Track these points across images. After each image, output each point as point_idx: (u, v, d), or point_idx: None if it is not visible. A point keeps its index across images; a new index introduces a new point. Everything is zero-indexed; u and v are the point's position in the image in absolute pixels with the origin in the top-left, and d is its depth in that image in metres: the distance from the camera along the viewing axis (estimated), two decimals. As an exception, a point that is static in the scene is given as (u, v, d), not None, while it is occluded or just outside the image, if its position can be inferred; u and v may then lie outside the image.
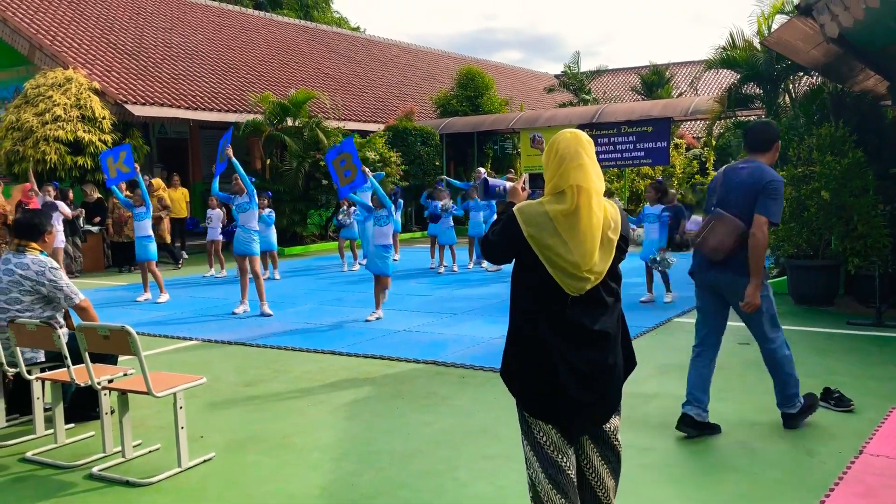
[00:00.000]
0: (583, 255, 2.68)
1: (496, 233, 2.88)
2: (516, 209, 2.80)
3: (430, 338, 7.82)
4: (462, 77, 24.22)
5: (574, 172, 2.72)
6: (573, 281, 2.70)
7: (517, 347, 2.87)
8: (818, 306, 8.91)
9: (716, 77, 23.57)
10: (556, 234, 2.70)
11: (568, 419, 2.79)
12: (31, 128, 14.41)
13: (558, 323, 2.75)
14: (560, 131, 2.87)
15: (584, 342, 2.76)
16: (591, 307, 2.76)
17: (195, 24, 22.56)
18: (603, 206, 2.75)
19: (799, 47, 9.21)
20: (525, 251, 2.75)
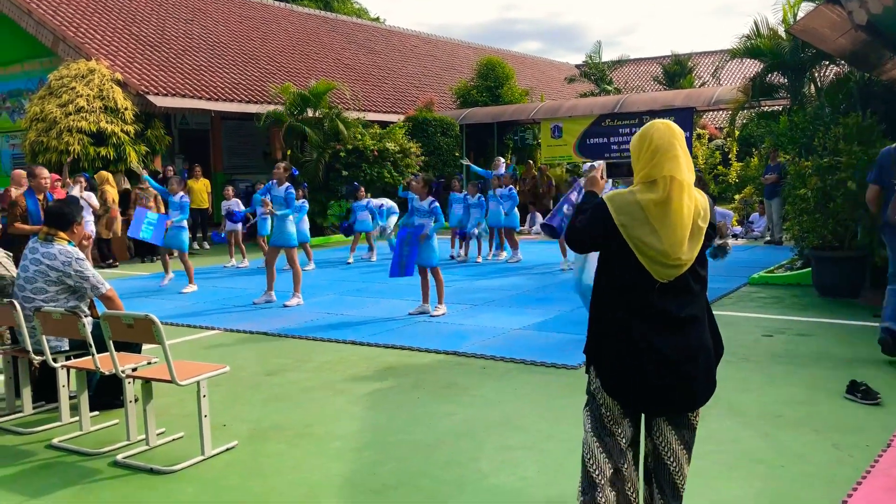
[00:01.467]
0: (672, 243, 2.75)
1: (584, 221, 2.94)
2: (607, 198, 2.86)
3: (451, 328, 7.81)
4: (482, 67, 24.12)
5: (668, 163, 2.78)
6: (663, 268, 2.78)
7: (602, 331, 2.93)
8: (843, 298, 8.80)
9: (739, 67, 23.30)
10: (647, 223, 2.77)
11: (646, 403, 2.88)
12: (54, 119, 14.54)
13: (645, 309, 2.82)
14: (651, 122, 2.90)
15: (670, 328, 2.82)
16: (678, 294, 2.83)
17: (216, 16, 22.63)
18: (693, 196, 2.82)
19: (826, 35, 9.07)
20: (614, 239, 2.81)
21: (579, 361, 6.25)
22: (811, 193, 9.06)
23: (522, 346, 6.91)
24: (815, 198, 9.01)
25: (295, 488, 3.96)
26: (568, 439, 4.52)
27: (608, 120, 19.43)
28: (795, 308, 8.43)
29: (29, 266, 5.12)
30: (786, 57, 11.71)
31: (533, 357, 6.43)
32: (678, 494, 3.01)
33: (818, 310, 8.27)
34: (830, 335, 7.05)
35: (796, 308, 8.42)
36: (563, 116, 20.26)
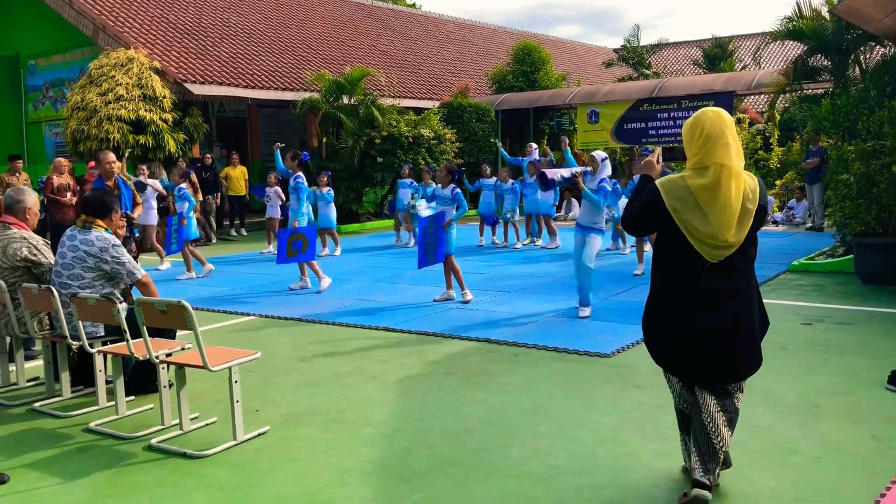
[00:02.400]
0: (720, 226, 2.94)
1: (638, 206, 3.18)
2: (659, 183, 3.08)
3: (483, 315, 7.79)
4: (518, 52, 23.91)
5: (720, 151, 2.95)
6: (712, 249, 2.97)
7: (654, 307, 3.18)
8: (887, 286, 8.58)
9: (781, 49, 22.79)
10: (697, 207, 2.97)
11: (690, 373, 3.15)
12: (95, 107, 14.76)
13: (694, 286, 3.04)
14: (703, 110, 3.07)
15: (716, 304, 3.04)
16: (726, 272, 3.04)
17: (252, 3, 22.75)
18: (742, 180, 3.00)
19: (871, 15, 8.83)
20: (666, 222, 3.03)
21: (613, 349, 6.20)
22: (854, 178, 8.84)
23: (555, 333, 6.87)
24: (857, 183, 8.79)
25: (326, 473, 3.98)
26: (599, 428, 4.49)
27: (646, 104, 19.17)
28: (836, 296, 8.24)
29: (67, 253, 5.21)
30: (829, 38, 11.40)
31: (565, 345, 6.39)
32: (716, 457, 3.24)
33: (860, 298, 8.07)
34: (872, 324, 6.89)
35: (837, 296, 8.24)
36: (599, 101, 20.03)
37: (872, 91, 10.38)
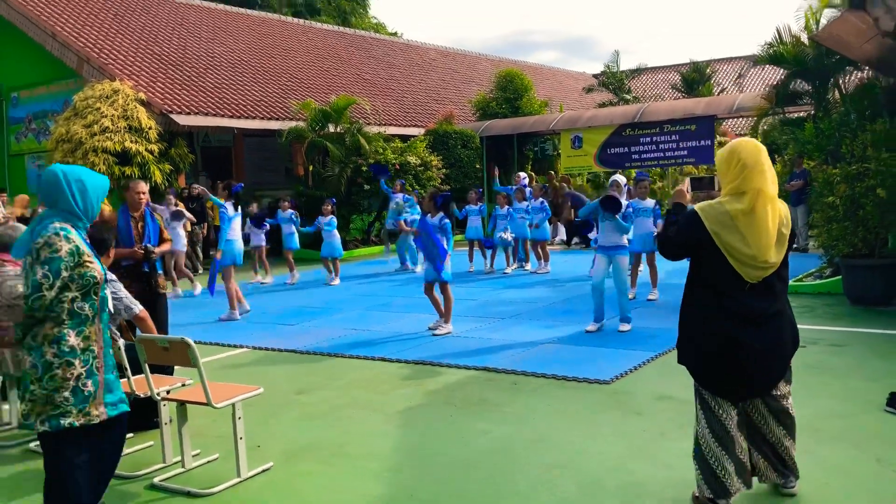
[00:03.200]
0: (759, 248, 3.11)
1: (677, 231, 3.36)
2: (698, 208, 3.25)
3: (478, 343, 7.79)
4: (501, 79, 24.13)
5: (756, 177, 3.15)
6: (752, 270, 3.12)
7: (696, 334, 3.29)
8: (875, 307, 8.67)
9: (759, 73, 23.13)
10: (737, 230, 3.13)
11: (739, 390, 3.26)
12: (80, 139, 14.70)
13: (735, 307, 3.17)
14: (738, 140, 3.28)
15: (758, 323, 3.20)
16: (765, 293, 3.18)
17: (237, 34, 22.85)
18: (777, 206, 3.19)
19: (850, 42, 9.00)
20: (707, 245, 3.19)
21: (611, 375, 6.22)
22: (840, 201, 8.96)
23: (553, 360, 6.87)
24: (843, 205, 8.91)
25: (332, 510, 3.95)
26: (605, 456, 4.49)
27: (629, 129, 19.32)
28: (827, 318, 8.32)
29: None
30: (809, 64, 11.61)
31: (564, 372, 6.39)
32: (788, 464, 3.53)
33: (851, 319, 8.16)
34: (865, 345, 6.95)
35: (828, 317, 8.32)
36: (582, 127, 20.19)
37: (853, 114, 10.58)
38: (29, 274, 3.27)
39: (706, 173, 21.60)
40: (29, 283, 3.25)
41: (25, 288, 3.27)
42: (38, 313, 3.25)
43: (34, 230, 3.34)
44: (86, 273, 3.34)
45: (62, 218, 3.35)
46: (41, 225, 3.33)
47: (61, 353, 3.28)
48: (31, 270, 3.26)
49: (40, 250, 3.26)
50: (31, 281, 3.24)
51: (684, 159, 18.96)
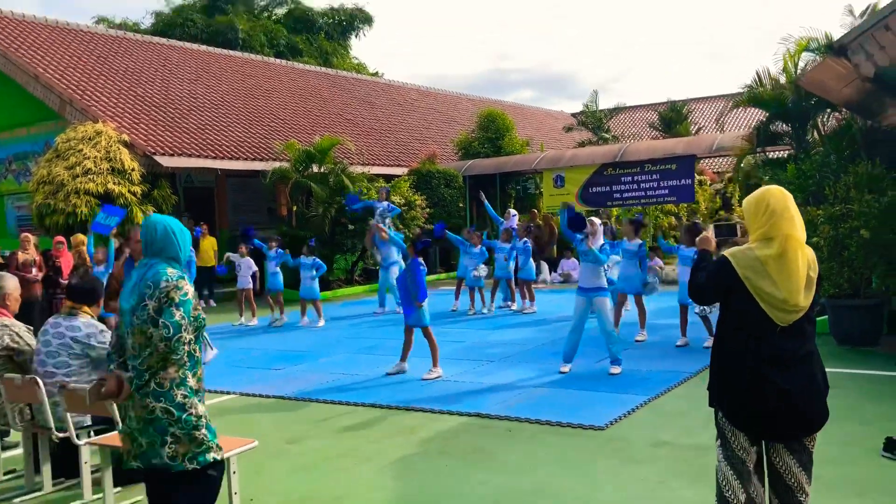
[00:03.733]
0: (790, 292, 3.20)
1: (708, 276, 3.44)
2: (728, 254, 3.32)
3: (469, 387, 7.73)
4: (483, 119, 24.35)
5: (785, 223, 3.24)
6: (783, 314, 3.22)
7: (728, 370, 3.36)
8: (862, 347, 8.74)
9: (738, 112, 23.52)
10: (767, 275, 3.22)
11: (771, 432, 3.31)
12: (62, 181, 14.59)
13: (768, 349, 3.25)
14: (766, 188, 3.39)
15: (790, 365, 3.26)
16: (795, 335, 3.27)
17: (220, 75, 22.92)
18: (805, 250, 3.28)
19: (831, 86, 9.20)
20: (738, 290, 3.27)
21: (606, 421, 6.18)
22: (824, 242, 9.06)
23: (546, 405, 6.83)
24: (828, 246, 9.02)
25: (332, 568, 3.86)
26: (606, 508, 4.43)
27: (610, 168, 19.54)
28: (815, 358, 8.34)
29: (52, 340, 5.08)
30: (789, 106, 11.83)
31: (559, 417, 6.35)
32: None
33: (839, 360, 8.20)
34: (856, 387, 6.98)
35: (816, 358, 8.34)
36: (564, 166, 20.38)
37: (832, 155, 10.77)
38: (154, 318, 3.36)
39: (725, 220, 21.84)
40: (168, 324, 3.34)
41: (165, 330, 3.33)
42: (175, 355, 3.36)
43: (144, 276, 3.46)
44: (199, 315, 3.49)
45: (169, 264, 3.51)
46: (153, 270, 3.46)
47: (190, 393, 3.42)
48: (163, 313, 3.36)
49: (171, 293, 3.38)
50: (171, 323, 3.34)
51: (665, 198, 19.17)
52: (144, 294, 3.42)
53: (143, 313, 3.40)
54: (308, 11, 37.97)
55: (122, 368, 3.51)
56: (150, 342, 3.36)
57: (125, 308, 3.49)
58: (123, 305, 3.51)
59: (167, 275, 3.44)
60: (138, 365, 3.39)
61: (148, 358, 3.37)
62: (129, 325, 3.44)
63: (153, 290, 3.41)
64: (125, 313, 3.48)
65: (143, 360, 3.38)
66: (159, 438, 3.37)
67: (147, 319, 3.38)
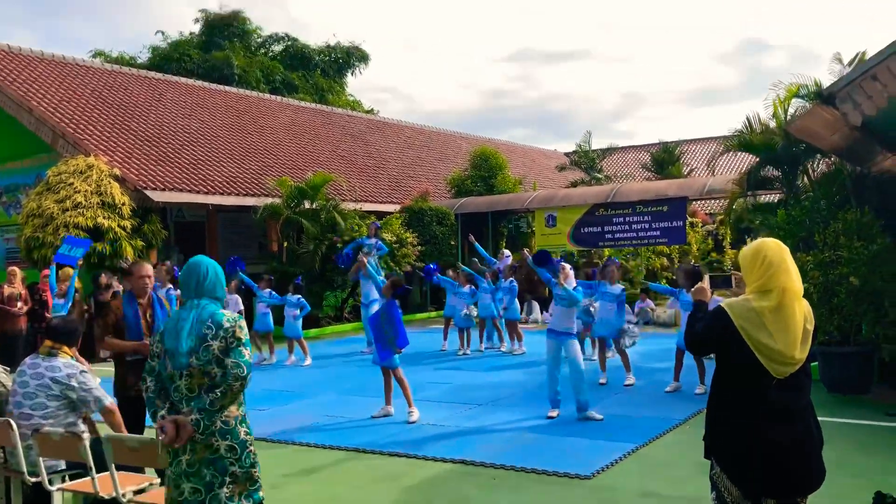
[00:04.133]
0: (787, 344, 3.17)
1: (705, 327, 3.40)
2: (726, 305, 3.30)
3: (455, 432, 7.62)
4: (476, 158, 24.47)
5: (782, 276, 3.22)
6: (779, 366, 3.18)
7: (724, 423, 3.33)
8: (853, 394, 8.67)
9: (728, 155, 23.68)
10: (764, 327, 3.19)
11: (767, 488, 3.25)
12: (51, 214, 14.53)
13: (764, 402, 3.23)
14: (762, 240, 3.41)
15: (786, 419, 3.23)
16: (792, 388, 3.24)
17: (214, 110, 23.02)
18: (802, 303, 3.26)
19: (820, 133, 9.24)
20: (735, 341, 3.24)
21: (592, 470, 6.08)
22: (813, 288, 9.04)
23: (532, 451, 6.72)
24: (817, 292, 8.99)
25: None
26: (591, 564, 4.33)
27: (602, 209, 19.59)
28: (806, 406, 8.26)
29: (29, 381, 4.98)
30: (779, 151, 11.89)
31: (544, 465, 6.24)
32: None
33: (829, 408, 8.12)
34: (846, 438, 6.90)
35: (806, 406, 8.26)
36: (556, 205, 20.43)
37: (822, 201, 10.79)
38: (219, 359, 3.50)
39: (720, 272, 22.00)
40: (241, 363, 3.52)
41: (238, 370, 3.50)
42: (241, 392, 3.59)
43: (199, 317, 3.56)
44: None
45: (217, 304, 3.66)
46: (207, 311, 3.59)
47: (250, 430, 3.62)
48: (232, 353, 3.51)
49: (237, 333, 3.55)
50: (244, 363, 3.53)
51: (657, 240, 19.20)
52: (206, 335, 3.49)
53: (206, 354, 3.47)
54: (305, 48, 38.35)
55: (171, 412, 3.55)
56: (216, 382, 3.47)
57: (181, 350, 3.50)
58: (177, 347, 3.51)
59: (226, 315, 3.58)
60: (207, 406, 3.45)
61: (221, 398, 3.46)
62: (183, 366, 3.47)
63: (216, 331, 3.50)
64: (179, 355, 3.49)
65: (214, 401, 3.45)
66: (219, 479, 3.45)
67: (211, 360, 3.47)
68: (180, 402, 3.52)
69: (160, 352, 3.61)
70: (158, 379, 3.61)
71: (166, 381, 3.57)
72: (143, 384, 3.65)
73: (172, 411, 3.52)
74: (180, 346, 3.50)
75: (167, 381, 3.56)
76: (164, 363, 3.56)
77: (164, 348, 3.57)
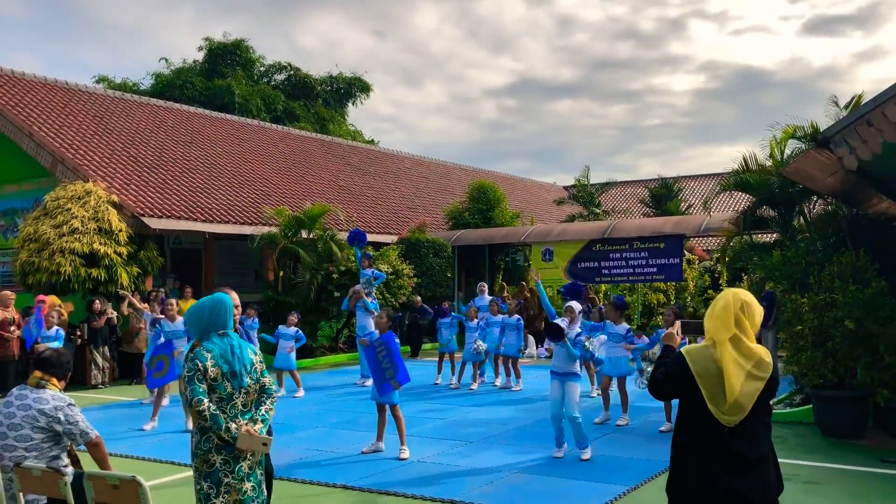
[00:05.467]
0: (730, 391, 3.18)
1: (664, 372, 3.45)
2: (685, 351, 3.36)
3: (445, 469, 7.53)
4: (474, 190, 24.53)
5: (724, 328, 3.27)
6: (725, 415, 3.21)
7: (681, 470, 3.35)
8: (847, 440, 8.60)
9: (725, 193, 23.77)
10: (718, 373, 3.22)
11: None
12: (47, 239, 14.51)
13: (718, 450, 3.25)
14: (725, 290, 3.47)
15: (741, 467, 3.22)
16: (746, 436, 3.24)
17: (214, 138, 23.11)
18: (752, 350, 3.27)
19: (816, 176, 9.28)
20: (691, 386, 3.29)
21: (582, 514, 5.99)
22: (808, 331, 9.01)
23: (522, 493, 6.64)
24: (812, 335, 8.96)
25: None
26: None
27: (599, 245, 19.60)
28: (799, 450, 8.20)
29: (16, 413, 4.91)
30: (775, 191, 11.93)
31: (534, 508, 6.16)
32: None
33: (823, 453, 8.05)
34: (840, 485, 6.82)
35: (800, 450, 8.20)
36: (553, 240, 20.44)
37: (818, 242, 10.79)
38: (253, 389, 4.28)
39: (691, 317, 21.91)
40: (272, 382, 4.43)
41: (272, 387, 4.40)
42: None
43: (239, 344, 4.28)
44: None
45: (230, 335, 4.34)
46: (237, 340, 4.29)
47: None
48: (265, 374, 4.37)
49: (263, 362, 4.40)
50: (267, 391, 4.36)
51: (653, 276, 19.18)
52: (253, 360, 4.28)
53: (255, 374, 4.27)
54: (307, 78, 38.65)
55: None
56: (260, 398, 4.29)
57: (242, 371, 4.18)
58: (240, 369, 4.18)
59: (250, 347, 4.35)
60: (264, 416, 4.25)
61: (270, 409, 4.31)
62: (244, 385, 4.17)
63: (257, 355, 4.34)
64: (241, 376, 4.17)
65: (268, 411, 4.29)
66: (260, 477, 4.25)
67: (258, 379, 4.28)
68: (234, 418, 4.12)
69: (217, 375, 4.13)
70: (219, 400, 4.16)
71: (223, 400, 4.12)
72: (202, 404, 4.07)
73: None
74: (244, 368, 4.20)
75: (224, 400, 4.13)
76: (223, 384, 4.12)
77: (223, 371, 4.13)
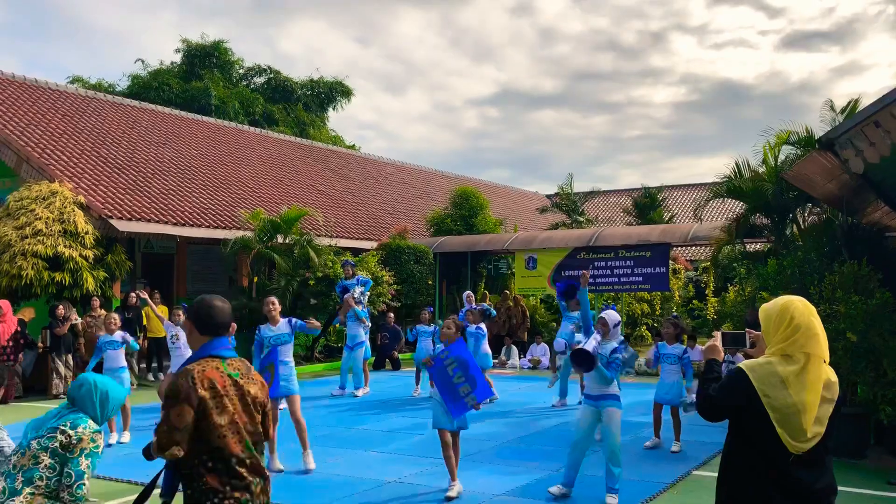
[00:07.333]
0: (808, 418, 2.87)
1: (719, 390, 3.05)
2: (745, 367, 2.99)
3: (425, 491, 7.01)
4: (457, 197, 24.06)
5: (810, 341, 2.98)
6: (797, 442, 2.89)
7: (734, 496, 3.01)
8: (848, 459, 8.15)
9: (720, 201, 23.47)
10: (788, 393, 2.89)
11: None
12: (9, 241, 13.85)
13: (781, 480, 2.91)
14: (789, 299, 3.08)
15: (810, 497, 2.93)
16: (812, 465, 2.94)
17: (189, 140, 22.47)
18: (827, 371, 3.01)
19: (816, 181, 8.88)
20: (753, 408, 2.93)
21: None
22: (808, 343, 8.57)
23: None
24: (812, 348, 8.52)
25: None
26: None
27: (583, 253, 19.16)
28: (800, 470, 7.73)
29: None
30: (769, 198, 11.54)
31: (520, 537, 5.64)
32: None
33: (826, 474, 7.59)
34: (848, 510, 6.37)
35: (801, 470, 7.73)
36: (537, 248, 19.98)
37: (813, 252, 10.40)
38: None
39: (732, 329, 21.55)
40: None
41: None
42: None
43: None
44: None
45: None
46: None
47: None
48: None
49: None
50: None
51: (639, 286, 18.75)
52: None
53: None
54: (287, 81, 38.04)
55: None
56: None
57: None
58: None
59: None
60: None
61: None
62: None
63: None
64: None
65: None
66: None
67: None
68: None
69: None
70: None
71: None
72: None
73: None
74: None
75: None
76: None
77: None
